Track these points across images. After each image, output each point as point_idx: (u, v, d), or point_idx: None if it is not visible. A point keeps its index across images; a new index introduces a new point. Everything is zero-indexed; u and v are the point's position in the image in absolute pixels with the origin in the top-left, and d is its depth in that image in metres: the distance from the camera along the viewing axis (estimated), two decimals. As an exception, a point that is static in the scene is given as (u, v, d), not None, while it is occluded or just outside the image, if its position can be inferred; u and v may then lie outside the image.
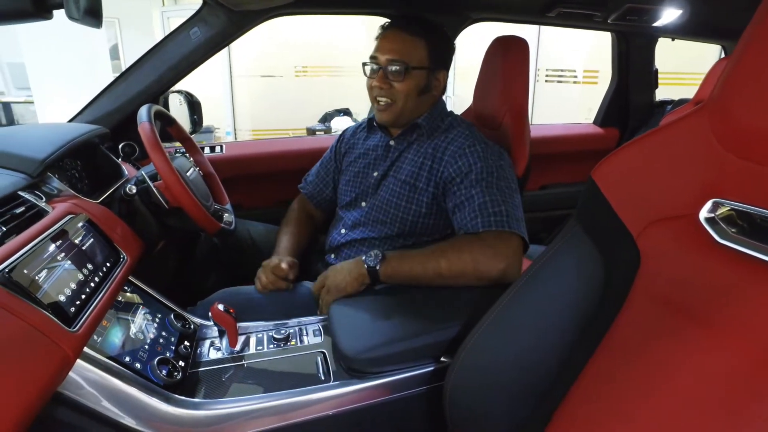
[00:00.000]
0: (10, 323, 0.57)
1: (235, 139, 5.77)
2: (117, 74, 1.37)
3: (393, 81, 1.09)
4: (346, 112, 5.49)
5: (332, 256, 1.21)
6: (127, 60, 6.18)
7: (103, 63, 4.43)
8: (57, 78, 4.06)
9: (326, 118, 5.41)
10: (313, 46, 5.60)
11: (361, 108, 5.67)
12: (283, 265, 1.10)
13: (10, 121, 5.83)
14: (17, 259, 0.65)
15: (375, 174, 1.19)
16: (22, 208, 0.80)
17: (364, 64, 1.14)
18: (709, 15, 1.70)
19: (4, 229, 0.73)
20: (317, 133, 4.73)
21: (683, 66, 3.41)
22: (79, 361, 0.67)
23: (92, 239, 0.84)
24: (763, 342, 0.45)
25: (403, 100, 1.10)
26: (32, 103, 5.66)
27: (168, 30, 5.55)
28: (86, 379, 0.67)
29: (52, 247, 0.72)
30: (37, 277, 0.66)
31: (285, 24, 4.90)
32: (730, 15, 1.66)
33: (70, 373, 0.66)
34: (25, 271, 0.64)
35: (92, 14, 0.59)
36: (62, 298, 0.68)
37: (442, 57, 1.14)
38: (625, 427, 0.53)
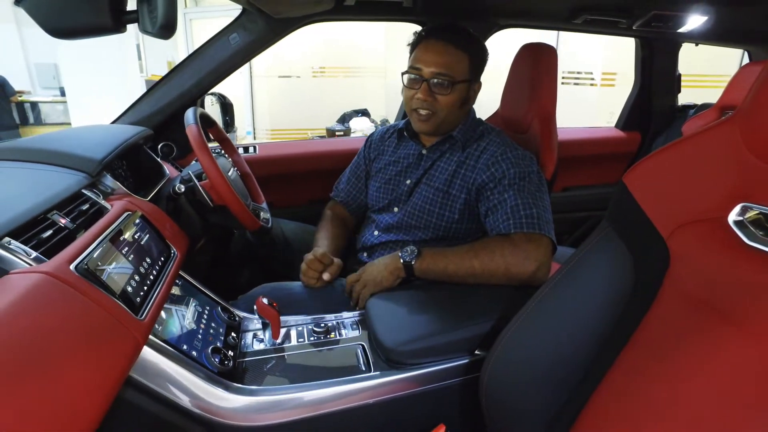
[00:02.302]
0: (93, 311, 0.63)
1: (254, 138, 5.86)
2: (142, 74, 1.44)
3: (437, 94, 1.09)
4: (364, 113, 5.54)
5: (365, 254, 1.26)
6: (149, 60, 6.33)
7: (131, 64, 4.55)
8: (89, 78, 4.18)
9: (344, 119, 5.47)
10: (331, 46, 5.66)
11: (378, 109, 5.72)
12: (322, 251, 1.15)
13: (38, 120, 6.01)
14: (90, 252, 0.71)
15: (408, 182, 1.21)
16: (86, 205, 0.86)
17: (403, 74, 1.14)
18: (735, 20, 1.70)
19: (74, 224, 0.79)
20: (337, 133, 4.78)
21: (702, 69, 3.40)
22: (144, 347, 0.72)
23: (147, 235, 0.90)
24: None
25: (445, 112, 1.11)
26: (59, 102, 5.84)
27: (190, 31, 5.68)
28: (151, 363, 0.73)
29: (116, 242, 0.78)
30: (107, 269, 0.71)
31: (304, 25, 4.98)
32: (755, 20, 1.67)
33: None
34: (99, 264, 0.70)
35: (167, 28, 0.64)
36: (129, 289, 0.73)
37: (479, 68, 1.15)
38: (654, 419, 0.56)
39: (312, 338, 0.97)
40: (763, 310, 0.52)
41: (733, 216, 0.57)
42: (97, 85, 4.20)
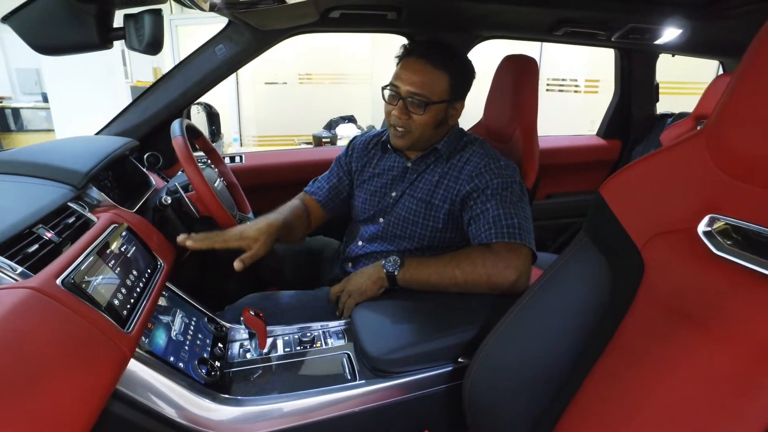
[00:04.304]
0: (80, 325, 0.63)
1: (241, 145, 5.84)
2: (128, 80, 1.44)
3: (412, 112, 1.09)
4: (350, 119, 5.55)
5: (350, 265, 1.27)
6: (134, 66, 6.28)
7: (116, 70, 4.51)
8: (73, 84, 4.14)
9: (331, 125, 5.47)
10: (317, 53, 5.67)
11: (365, 115, 5.74)
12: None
13: (20, 127, 5.92)
14: (77, 266, 0.71)
15: (393, 194, 1.21)
16: (72, 218, 0.86)
17: (383, 88, 1.14)
18: (708, 33, 1.76)
19: (60, 238, 0.79)
20: (323, 140, 4.79)
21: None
22: (131, 359, 0.73)
23: (134, 247, 0.90)
24: (754, 344, 0.50)
25: (420, 131, 1.11)
26: (41, 108, 5.76)
27: (176, 38, 5.65)
28: (138, 376, 0.73)
29: (102, 255, 0.79)
30: (94, 283, 0.72)
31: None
32: (727, 33, 1.73)
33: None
34: (85, 277, 0.71)
35: (154, 45, 0.65)
36: (116, 302, 0.74)
37: (462, 88, 1.14)
38: (629, 421, 0.59)
39: (298, 348, 0.98)
40: (730, 316, 0.54)
41: (702, 227, 0.59)
42: (81, 91, 4.15)
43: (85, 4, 0.62)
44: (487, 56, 1.92)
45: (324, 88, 5.87)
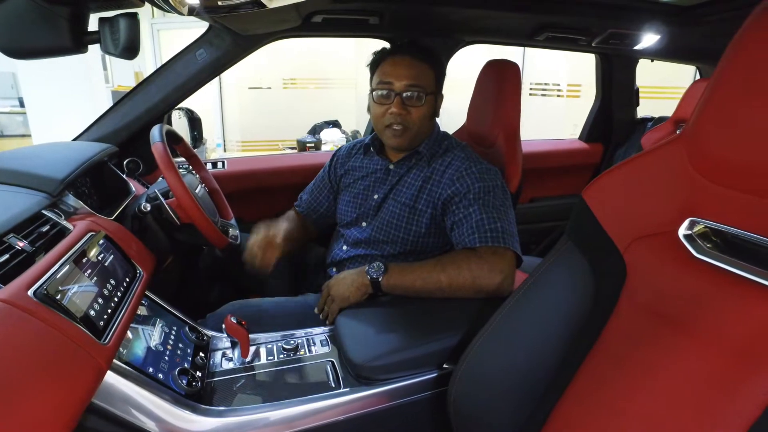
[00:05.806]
0: (53, 337, 0.61)
1: (224, 150, 5.79)
2: (108, 85, 1.41)
3: (410, 107, 1.12)
4: (335, 124, 5.54)
5: (334, 269, 1.26)
6: (115, 70, 6.19)
7: (96, 74, 4.43)
8: (51, 88, 4.05)
9: (315, 130, 5.45)
10: (301, 57, 5.65)
11: (349, 120, 5.74)
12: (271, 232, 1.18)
13: (-5, 131, 5.78)
14: (51, 276, 0.69)
15: (375, 197, 1.23)
16: (47, 227, 0.84)
17: (372, 91, 1.16)
18: (684, 39, 1.80)
19: (33, 247, 0.77)
20: (308, 145, 4.77)
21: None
22: (108, 371, 0.71)
23: (112, 256, 0.88)
24: (733, 346, 0.51)
25: (418, 125, 1.13)
26: (17, 114, 5.63)
27: (157, 42, 5.58)
28: (115, 388, 0.71)
29: (78, 264, 0.76)
30: (69, 293, 0.70)
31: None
32: (703, 39, 1.77)
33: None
34: (60, 288, 0.68)
35: (130, 50, 0.64)
36: (92, 312, 0.72)
37: (442, 80, 1.19)
38: (614, 424, 0.59)
39: (281, 356, 0.96)
40: (710, 318, 0.55)
41: (682, 230, 0.60)
42: (59, 96, 4.06)
43: (57, 6, 0.60)
44: (471, 61, 1.94)
45: (308, 93, 5.85)
